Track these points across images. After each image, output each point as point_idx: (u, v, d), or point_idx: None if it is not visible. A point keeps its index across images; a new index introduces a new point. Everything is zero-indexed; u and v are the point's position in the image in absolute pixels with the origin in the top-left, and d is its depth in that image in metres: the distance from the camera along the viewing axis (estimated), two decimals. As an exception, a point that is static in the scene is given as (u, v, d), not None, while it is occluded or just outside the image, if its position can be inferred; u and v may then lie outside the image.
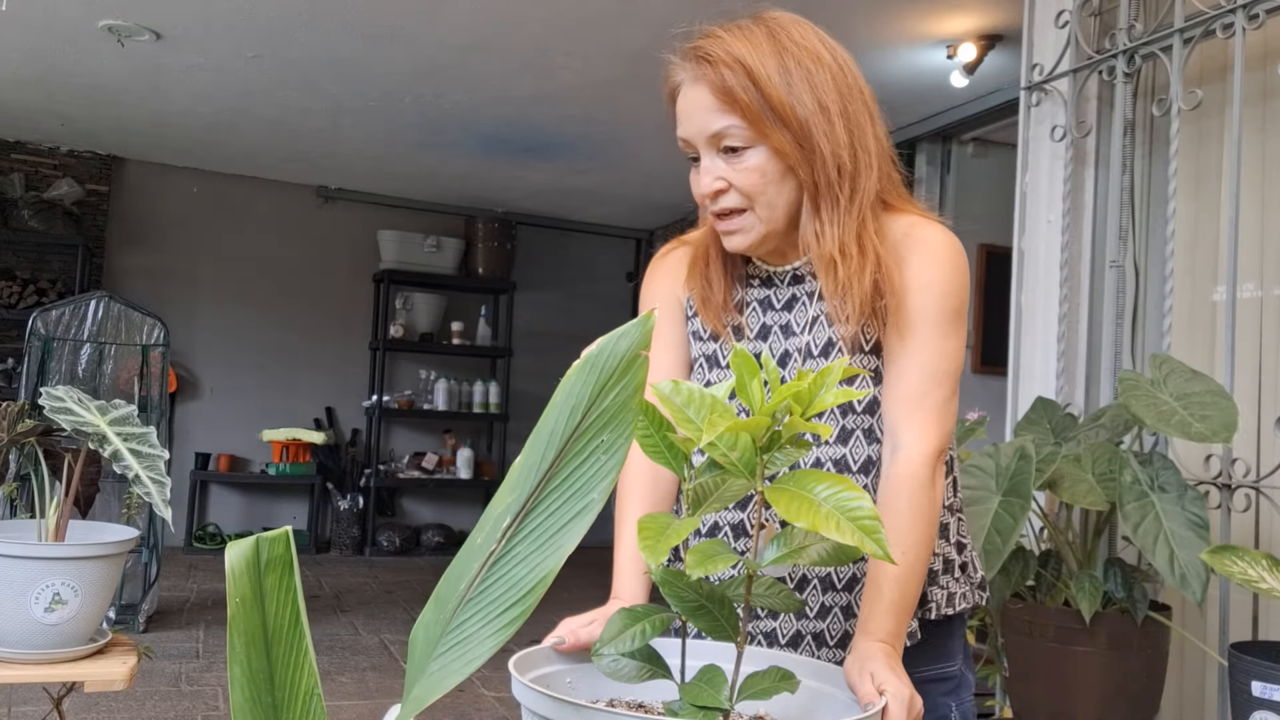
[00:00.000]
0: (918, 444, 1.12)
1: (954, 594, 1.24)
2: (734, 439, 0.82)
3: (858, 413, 1.20)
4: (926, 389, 1.14)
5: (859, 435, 1.20)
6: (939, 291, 1.16)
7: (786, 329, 1.23)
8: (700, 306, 1.27)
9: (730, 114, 1.14)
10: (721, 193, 1.16)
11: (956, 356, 1.17)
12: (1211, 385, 2.03)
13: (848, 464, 1.20)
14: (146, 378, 4.40)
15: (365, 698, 3.74)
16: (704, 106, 1.15)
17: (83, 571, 1.68)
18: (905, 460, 1.11)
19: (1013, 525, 1.98)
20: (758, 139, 1.14)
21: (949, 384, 1.15)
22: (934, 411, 1.13)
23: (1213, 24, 2.33)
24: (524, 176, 6.60)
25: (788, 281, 1.25)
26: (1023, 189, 2.87)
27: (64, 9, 4.14)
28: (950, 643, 1.26)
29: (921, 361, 1.15)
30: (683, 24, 1.21)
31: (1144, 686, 2.09)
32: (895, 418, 1.15)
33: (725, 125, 1.14)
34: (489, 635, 0.60)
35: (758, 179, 1.15)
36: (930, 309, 1.16)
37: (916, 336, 1.15)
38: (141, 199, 6.79)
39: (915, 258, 1.17)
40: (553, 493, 0.62)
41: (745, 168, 1.15)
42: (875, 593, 1.06)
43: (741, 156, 1.15)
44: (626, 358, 0.63)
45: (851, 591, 1.19)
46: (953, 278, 1.17)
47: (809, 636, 1.19)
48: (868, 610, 1.06)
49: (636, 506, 1.22)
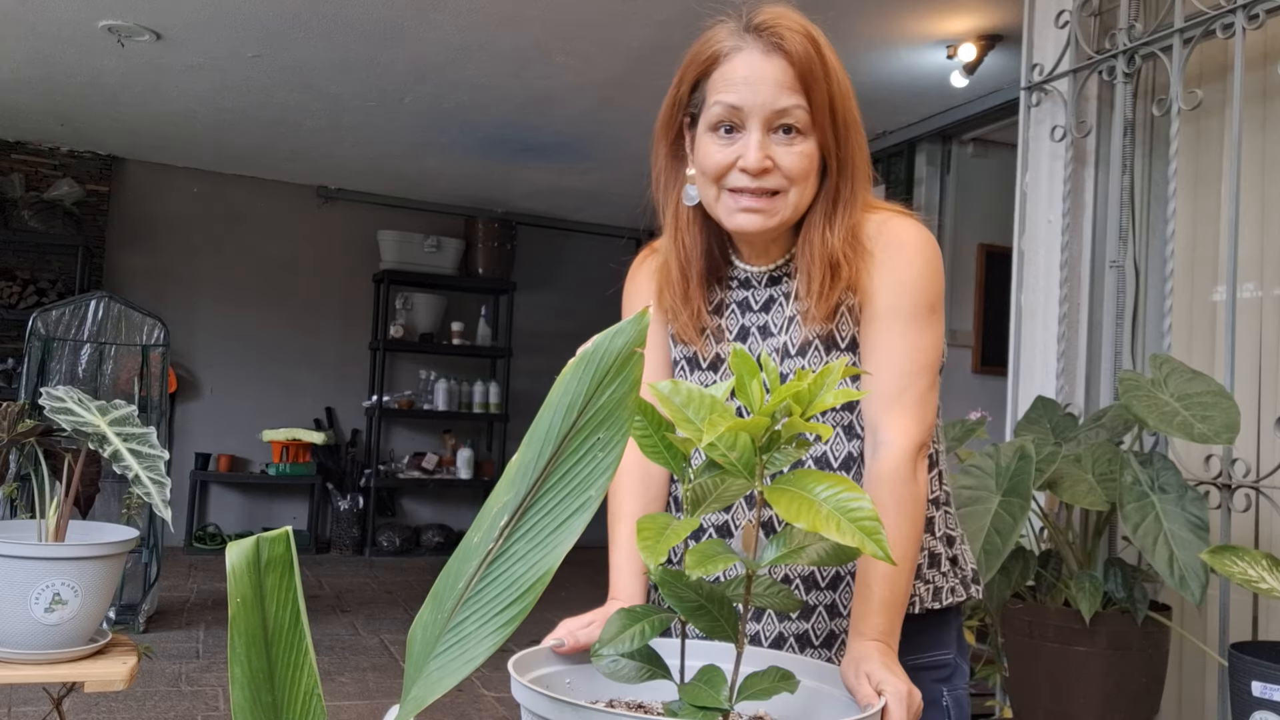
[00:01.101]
0: (898, 439, 1.11)
1: (941, 588, 1.24)
2: (733, 439, 0.82)
3: (836, 409, 1.19)
4: (904, 385, 1.14)
5: (839, 432, 1.20)
6: (911, 287, 1.16)
7: (764, 330, 1.23)
8: (672, 319, 1.26)
9: (799, 94, 1.13)
10: (768, 171, 1.14)
11: (934, 350, 1.17)
12: (1212, 385, 2.03)
13: (828, 461, 1.19)
14: (146, 378, 4.40)
15: (365, 698, 3.74)
16: (777, 80, 1.13)
17: (83, 571, 1.68)
18: (887, 456, 1.11)
19: (1013, 525, 1.98)
20: (811, 129, 1.14)
21: (927, 378, 1.15)
22: (913, 406, 1.13)
23: (1213, 24, 2.32)
24: (524, 176, 6.60)
25: (765, 283, 1.24)
26: (1023, 189, 2.87)
27: (64, 9, 4.14)
28: (943, 633, 1.25)
29: (898, 357, 1.14)
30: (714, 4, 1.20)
31: (1144, 687, 2.09)
32: (874, 414, 1.14)
33: (792, 104, 1.13)
34: (487, 635, 0.60)
35: (806, 164, 1.15)
36: (903, 305, 1.16)
37: (891, 332, 1.15)
38: (141, 199, 6.79)
39: (887, 254, 1.17)
40: (550, 490, 0.62)
41: (798, 152, 1.14)
42: (866, 592, 1.06)
43: (793, 141, 1.14)
44: (622, 355, 0.63)
45: (836, 590, 1.18)
46: (925, 272, 1.17)
47: (792, 639, 1.18)
48: (859, 610, 1.06)
49: (630, 507, 1.22)
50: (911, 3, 3.75)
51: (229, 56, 4.62)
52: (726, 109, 1.15)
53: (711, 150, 1.16)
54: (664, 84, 1.26)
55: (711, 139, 1.17)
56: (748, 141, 1.14)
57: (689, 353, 1.27)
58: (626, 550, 1.19)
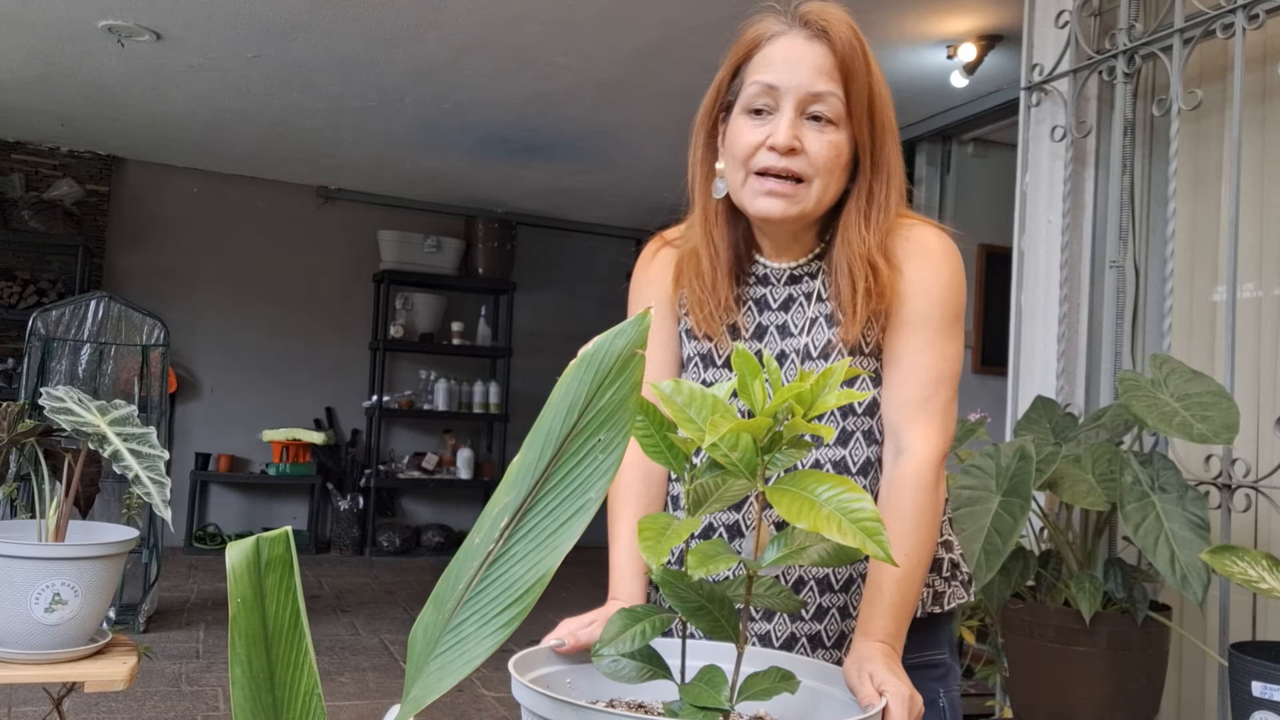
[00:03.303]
0: (922, 447, 1.12)
1: (942, 593, 1.25)
2: (735, 439, 0.82)
3: (858, 415, 1.20)
4: (930, 393, 1.14)
5: (858, 437, 1.20)
6: (938, 296, 1.16)
7: (783, 329, 1.23)
8: (695, 308, 1.24)
9: (837, 83, 1.14)
10: (795, 152, 1.14)
11: (956, 360, 1.17)
12: (1212, 385, 2.03)
13: (847, 465, 1.19)
14: (146, 378, 4.40)
15: (365, 698, 3.74)
16: (816, 65, 1.14)
17: (83, 571, 1.68)
18: (910, 463, 1.11)
19: (1013, 525, 1.98)
20: (844, 120, 1.15)
21: (950, 387, 1.16)
22: (937, 415, 1.14)
23: (1213, 24, 2.32)
24: (524, 176, 6.60)
25: (784, 281, 1.24)
26: (1023, 189, 2.87)
27: (64, 9, 4.14)
28: (939, 633, 1.27)
29: (924, 364, 1.15)
30: None
31: (1144, 686, 2.09)
32: (898, 421, 1.15)
33: (828, 90, 1.13)
34: (487, 635, 0.60)
35: (833, 155, 1.15)
36: (932, 313, 1.16)
37: (918, 340, 1.16)
38: (141, 199, 6.79)
39: (913, 262, 1.17)
40: (550, 491, 0.62)
41: (827, 140, 1.14)
42: (876, 594, 1.06)
43: (825, 129, 1.14)
44: (623, 356, 0.63)
45: (848, 592, 1.19)
46: (951, 282, 1.17)
47: (804, 639, 1.18)
48: (867, 611, 1.06)
49: (631, 507, 1.22)
50: (911, 3, 3.75)
51: (229, 56, 4.62)
52: (763, 88, 1.15)
53: (743, 130, 1.17)
54: (664, 84, 1.26)
55: (744, 120, 1.17)
56: (779, 121, 1.14)
57: (704, 349, 1.26)
58: (627, 550, 1.19)
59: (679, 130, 1.33)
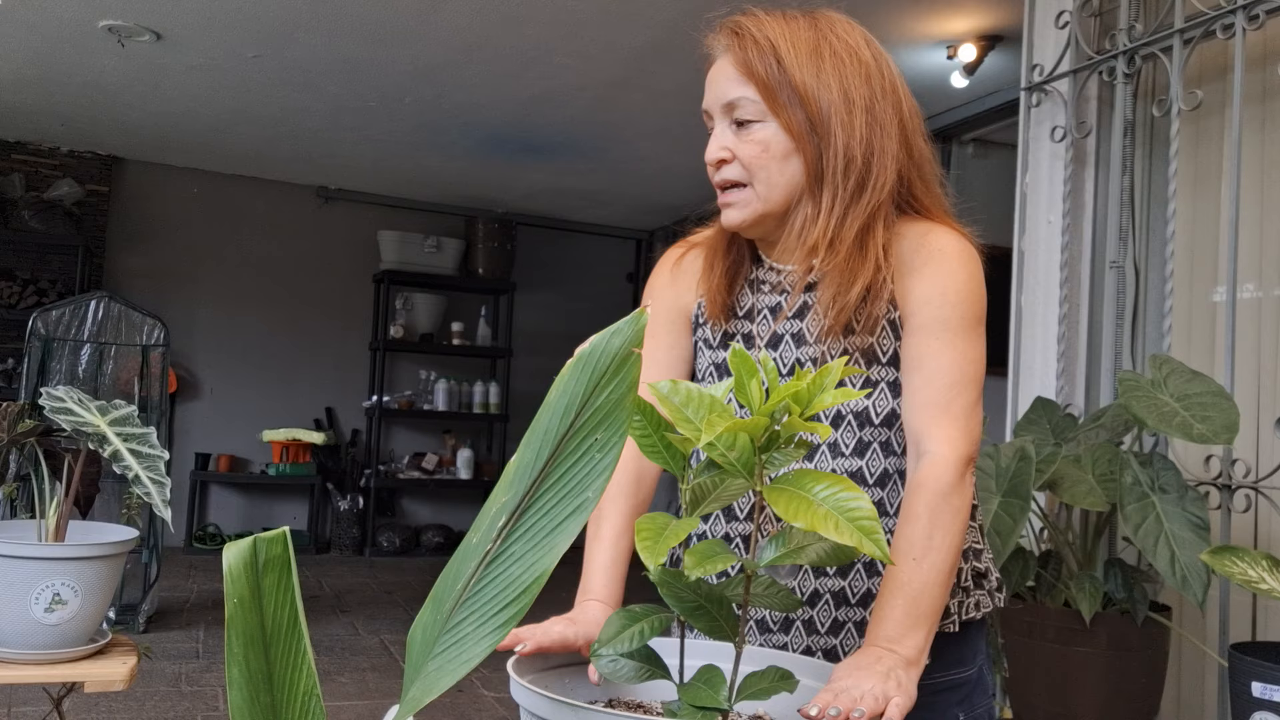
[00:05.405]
0: (943, 449, 1.08)
1: (965, 603, 1.21)
2: (732, 439, 0.82)
3: (875, 425, 1.17)
4: (952, 395, 1.11)
5: (875, 448, 1.17)
6: (954, 298, 1.14)
7: (799, 337, 1.20)
8: (709, 304, 1.25)
9: (747, 85, 1.15)
10: (724, 163, 1.17)
11: (979, 362, 1.14)
12: (1212, 386, 2.03)
13: (863, 477, 1.17)
14: (146, 378, 4.40)
15: (365, 698, 3.74)
16: (725, 76, 1.18)
17: (83, 572, 1.68)
18: (930, 466, 1.07)
19: (1013, 526, 1.98)
20: (769, 114, 1.15)
21: (974, 390, 1.12)
22: (960, 418, 1.10)
23: (1213, 24, 2.32)
24: (524, 176, 6.60)
25: (800, 289, 1.22)
26: (1023, 189, 2.87)
27: (64, 9, 4.14)
28: (963, 649, 1.22)
29: (944, 367, 1.11)
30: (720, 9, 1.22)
31: (1144, 687, 2.09)
32: (920, 425, 1.11)
33: (739, 96, 1.16)
34: (485, 635, 0.60)
35: (759, 152, 1.15)
36: (949, 316, 1.13)
37: (937, 343, 1.12)
38: (141, 199, 6.79)
39: (929, 266, 1.15)
40: (548, 491, 0.62)
41: (753, 139, 1.16)
42: (881, 597, 1.03)
43: (750, 130, 1.16)
44: (619, 355, 0.63)
45: (866, 607, 1.16)
46: (968, 283, 1.15)
47: (819, 653, 1.16)
48: (874, 617, 1.03)
49: (618, 507, 1.20)
50: (911, 3, 3.75)
51: (229, 56, 4.62)
52: (704, 115, 1.21)
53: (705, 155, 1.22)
54: (664, 84, 1.27)
55: None
56: (711, 139, 1.19)
57: (719, 359, 1.25)
58: (609, 549, 1.17)
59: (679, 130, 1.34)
